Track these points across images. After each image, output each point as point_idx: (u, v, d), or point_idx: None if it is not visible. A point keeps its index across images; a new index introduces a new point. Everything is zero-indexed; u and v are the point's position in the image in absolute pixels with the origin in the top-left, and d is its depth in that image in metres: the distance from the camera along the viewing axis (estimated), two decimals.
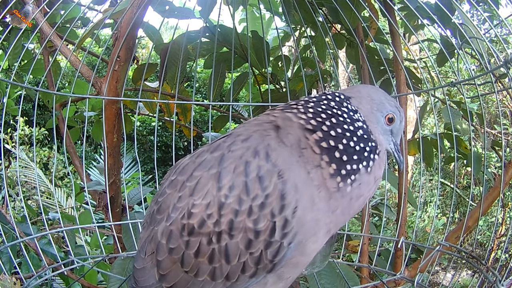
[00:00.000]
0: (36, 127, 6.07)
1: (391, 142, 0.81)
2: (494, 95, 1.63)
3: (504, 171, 1.66)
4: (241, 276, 0.69)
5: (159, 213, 0.73)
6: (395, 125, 0.80)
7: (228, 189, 0.66)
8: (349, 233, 1.63)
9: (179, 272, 0.70)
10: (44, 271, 1.18)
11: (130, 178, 5.02)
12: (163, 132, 7.29)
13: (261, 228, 0.65)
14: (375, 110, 0.77)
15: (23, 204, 1.47)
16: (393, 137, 0.81)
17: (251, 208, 0.65)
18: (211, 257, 0.67)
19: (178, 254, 0.69)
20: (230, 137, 0.74)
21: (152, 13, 1.68)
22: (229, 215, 0.66)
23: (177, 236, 0.69)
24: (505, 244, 3.68)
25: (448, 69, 5.28)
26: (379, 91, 0.83)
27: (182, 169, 0.74)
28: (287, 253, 0.68)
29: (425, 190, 6.06)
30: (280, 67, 2.10)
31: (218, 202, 0.66)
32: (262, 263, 0.68)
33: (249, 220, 0.65)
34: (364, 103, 0.77)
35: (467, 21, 1.22)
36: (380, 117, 0.78)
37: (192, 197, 0.68)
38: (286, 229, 0.66)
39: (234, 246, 0.66)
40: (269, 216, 0.65)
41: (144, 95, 1.97)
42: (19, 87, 1.66)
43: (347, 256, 2.58)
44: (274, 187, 0.66)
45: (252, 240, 0.66)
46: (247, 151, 0.69)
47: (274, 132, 0.72)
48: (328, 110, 0.73)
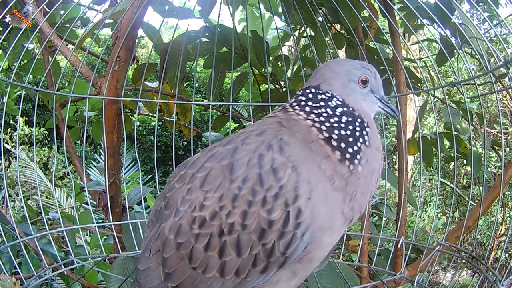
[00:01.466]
0: (36, 127, 6.06)
1: (377, 100, 0.83)
2: (494, 94, 1.63)
3: (504, 170, 1.66)
4: (252, 271, 0.68)
5: (167, 208, 0.73)
6: (371, 83, 0.82)
7: (242, 181, 0.67)
8: (349, 233, 1.63)
9: (186, 269, 0.69)
10: (44, 271, 1.18)
11: (130, 178, 5.02)
12: (163, 132, 7.28)
13: (275, 217, 0.66)
14: (347, 82, 0.79)
15: (23, 204, 1.47)
16: (375, 94, 0.83)
17: (265, 198, 0.66)
18: (221, 250, 0.67)
19: (186, 249, 0.68)
20: (243, 133, 0.75)
21: (152, 13, 1.68)
22: (243, 206, 0.66)
23: (186, 230, 0.68)
24: (505, 244, 3.68)
25: (448, 68, 5.28)
26: (341, 62, 0.86)
27: (193, 163, 0.75)
28: (300, 246, 0.68)
29: (425, 190, 6.06)
30: (280, 67, 2.10)
31: (232, 194, 0.67)
32: (274, 256, 0.67)
33: (263, 210, 0.66)
34: (333, 81, 0.79)
35: (467, 21, 1.22)
36: (354, 85, 0.80)
37: (203, 188, 0.69)
38: (300, 218, 0.67)
39: (247, 237, 0.66)
40: (283, 205, 0.66)
41: (144, 95, 1.97)
42: (19, 87, 1.66)
43: (347, 256, 2.58)
44: (288, 179, 0.67)
45: (265, 230, 0.66)
46: (261, 145, 0.70)
47: (286, 129, 0.75)
48: (313, 110, 0.76)
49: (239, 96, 3.82)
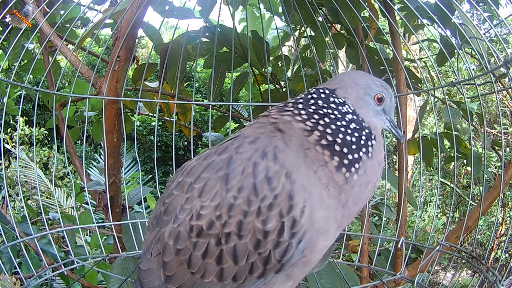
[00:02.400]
0: (36, 127, 6.07)
1: (386, 120, 0.83)
2: (494, 94, 1.63)
3: (504, 170, 1.66)
4: (249, 277, 0.69)
5: (166, 214, 0.73)
6: (386, 103, 0.82)
7: (237, 191, 0.67)
8: (349, 233, 1.63)
9: (185, 273, 0.70)
10: (44, 271, 1.18)
11: (130, 178, 5.02)
12: (163, 132, 7.29)
13: (270, 228, 0.66)
14: (363, 94, 0.79)
15: (23, 204, 1.47)
16: (387, 115, 0.83)
17: (259, 208, 0.66)
18: (219, 258, 0.68)
19: (185, 255, 0.69)
20: (237, 139, 0.74)
21: (152, 13, 1.68)
22: (238, 216, 0.66)
23: (184, 237, 0.69)
24: (505, 244, 3.69)
25: (448, 68, 5.28)
26: (362, 75, 0.85)
27: (190, 170, 0.75)
28: (295, 253, 0.69)
29: (425, 190, 6.06)
30: (280, 67, 2.10)
31: (227, 204, 0.67)
32: (270, 263, 0.68)
33: (258, 221, 0.66)
34: (350, 91, 0.79)
35: (467, 21, 1.22)
36: (369, 100, 0.79)
37: (200, 198, 0.69)
38: (295, 229, 0.67)
39: (243, 247, 0.67)
40: (278, 216, 0.66)
41: (144, 95, 1.97)
42: (19, 87, 1.66)
43: (347, 256, 2.58)
44: (282, 188, 0.67)
45: (260, 240, 0.66)
46: (255, 153, 0.70)
47: (280, 133, 0.74)
48: (319, 109, 0.75)
49: (239, 96, 3.82)
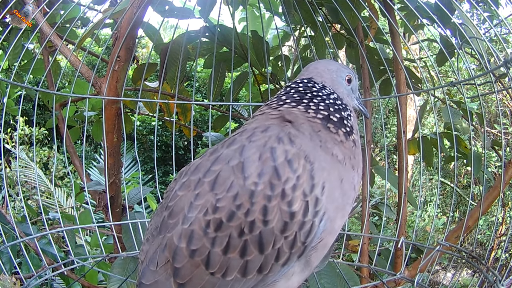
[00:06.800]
0: (36, 127, 6.07)
1: (354, 98, 0.92)
2: (494, 94, 1.63)
3: (504, 170, 1.66)
4: (274, 265, 0.67)
5: (172, 217, 0.69)
6: (353, 83, 0.91)
7: (257, 176, 0.66)
8: (349, 233, 1.63)
9: (203, 276, 0.66)
10: (44, 271, 1.18)
11: (130, 178, 5.02)
12: (163, 132, 7.28)
13: (296, 209, 0.66)
14: (336, 77, 0.88)
15: (23, 204, 1.47)
16: (353, 93, 0.92)
17: (284, 191, 0.66)
18: (243, 249, 0.65)
19: (202, 255, 0.66)
20: (245, 132, 0.74)
21: (152, 13, 1.68)
22: (262, 202, 0.65)
23: (199, 236, 0.66)
24: (505, 244, 3.69)
25: (448, 68, 5.28)
26: (331, 61, 0.98)
27: (195, 169, 0.72)
28: (317, 232, 0.69)
29: (425, 190, 6.06)
30: (280, 66, 2.10)
31: (248, 191, 0.65)
32: (296, 246, 0.68)
33: (283, 203, 0.66)
34: (325, 75, 0.87)
35: (467, 21, 1.22)
36: (342, 81, 0.89)
37: (213, 191, 0.67)
38: (318, 207, 0.68)
39: (269, 233, 0.65)
40: (302, 196, 0.67)
41: (144, 95, 1.97)
42: (19, 87, 1.66)
43: (347, 256, 2.58)
44: (303, 169, 0.68)
45: (288, 222, 0.66)
46: (269, 139, 0.70)
47: (289, 123, 0.76)
48: (307, 96, 0.81)
49: (239, 96, 3.82)
